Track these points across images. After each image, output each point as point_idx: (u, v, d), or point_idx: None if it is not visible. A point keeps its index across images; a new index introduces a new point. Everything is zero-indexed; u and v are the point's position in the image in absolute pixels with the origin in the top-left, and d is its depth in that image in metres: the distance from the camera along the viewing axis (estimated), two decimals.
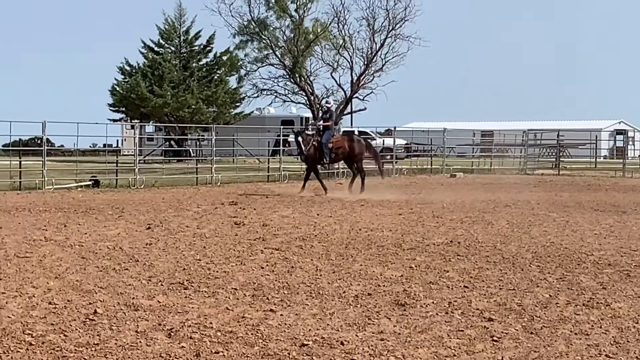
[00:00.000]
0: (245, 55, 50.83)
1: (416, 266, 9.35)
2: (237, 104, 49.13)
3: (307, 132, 23.01)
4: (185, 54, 48.27)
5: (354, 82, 50.20)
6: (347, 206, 17.06)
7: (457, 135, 47.58)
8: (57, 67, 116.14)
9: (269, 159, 32.75)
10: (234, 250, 10.51)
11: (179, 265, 9.32)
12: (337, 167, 28.87)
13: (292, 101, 52.41)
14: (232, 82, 49.55)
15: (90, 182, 24.35)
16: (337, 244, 11.11)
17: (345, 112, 51.77)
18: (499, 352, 5.93)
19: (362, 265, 9.43)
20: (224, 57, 48.68)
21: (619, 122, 65.66)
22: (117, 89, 46.55)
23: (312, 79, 51.39)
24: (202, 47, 48.62)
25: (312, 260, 9.75)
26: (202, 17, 77.54)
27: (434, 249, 10.71)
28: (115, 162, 28.83)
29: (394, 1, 48.63)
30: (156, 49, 47.90)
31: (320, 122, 22.51)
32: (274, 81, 51.48)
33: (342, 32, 49.93)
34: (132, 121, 46.52)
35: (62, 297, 7.54)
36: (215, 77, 48.33)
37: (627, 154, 40.61)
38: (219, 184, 25.74)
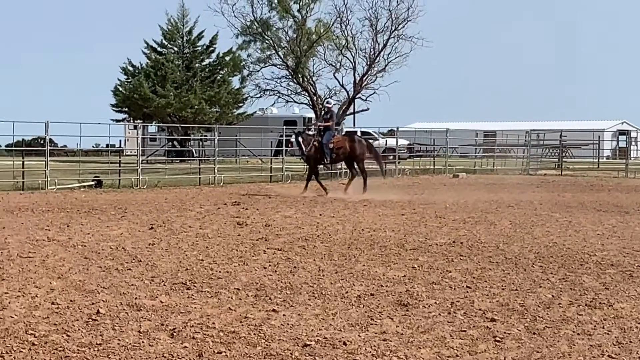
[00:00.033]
0: (248, 55, 51.01)
1: (419, 266, 9.35)
2: (240, 104, 49.21)
3: (308, 133, 23.00)
4: (188, 55, 48.29)
5: (357, 82, 50.27)
6: (350, 206, 17.05)
7: (460, 135, 47.59)
8: (60, 67, 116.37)
9: (271, 159, 32.74)
10: (237, 250, 10.50)
11: (182, 265, 9.32)
12: (339, 167, 28.86)
13: (294, 101, 52.59)
14: (235, 82, 49.72)
15: (92, 182, 24.38)
16: (339, 244, 11.10)
17: (348, 113, 51.86)
18: (501, 353, 5.93)
19: (364, 265, 9.42)
20: (227, 58, 48.74)
21: (622, 123, 65.55)
22: (120, 89, 46.59)
23: (314, 79, 51.52)
24: (204, 47, 48.65)
25: (314, 260, 9.74)
26: (205, 17, 77.65)
27: (437, 249, 10.70)
28: (118, 162, 28.83)
29: (397, 2, 48.75)
30: (159, 49, 47.94)
31: (320, 123, 22.51)
32: (276, 81, 51.66)
33: (345, 32, 50.06)
34: (135, 121, 46.58)
35: (64, 297, 7.55)
36: (218, 77, 48.37)
37: (630, 155, 40.57)
38: (221, 184, 25.74)
